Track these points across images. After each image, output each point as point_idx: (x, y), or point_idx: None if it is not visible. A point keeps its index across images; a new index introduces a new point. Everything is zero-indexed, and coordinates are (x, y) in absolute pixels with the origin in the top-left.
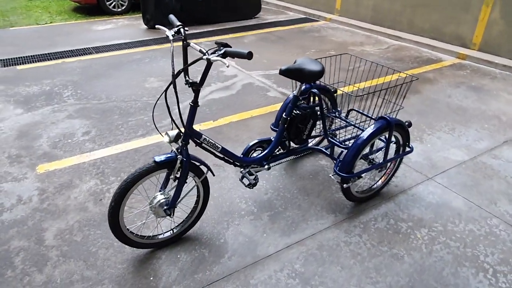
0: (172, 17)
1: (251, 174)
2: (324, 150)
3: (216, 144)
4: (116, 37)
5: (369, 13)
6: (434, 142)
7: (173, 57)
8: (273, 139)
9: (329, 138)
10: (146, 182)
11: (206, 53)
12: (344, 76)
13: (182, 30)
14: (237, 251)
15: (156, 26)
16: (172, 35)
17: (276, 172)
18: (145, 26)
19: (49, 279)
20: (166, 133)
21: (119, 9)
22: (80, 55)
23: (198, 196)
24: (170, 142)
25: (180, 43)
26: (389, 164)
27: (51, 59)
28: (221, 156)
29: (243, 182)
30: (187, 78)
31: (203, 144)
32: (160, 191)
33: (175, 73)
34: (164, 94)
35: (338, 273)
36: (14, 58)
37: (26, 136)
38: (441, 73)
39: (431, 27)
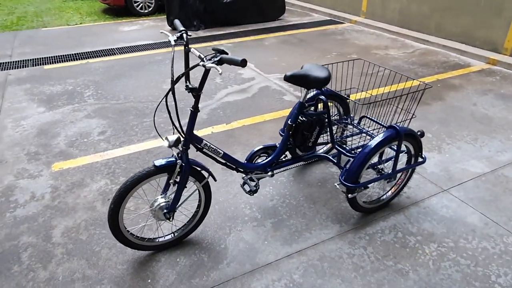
0: (176, 21)
1: (252, 181)
2: (331, 158)
3: (218, 150)
4: (140, 38)
5: (396, 16)
6: (453, 153)
7: (173, 62)
8: (278, 146)
9: (336, 146)
10: (149, 184)
11: (204, 59)
12: (359, 81)
13: (184, 35)
14: (237, 257)
15: (160, 31)
16: (174, 40)
17: (284, 179)
18: (169, 28)
19: (52, 276)
20: (166, 138)
21: (146, 11)
22: (104, 56)
23: (200, 201)
24: (170, 146)
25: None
26: (399, 174)
27: (76, 59)
28: (223, 162)
29: (244, 189)
30: (187, 84)
31: (204, 150)
32: (161, 194)
33: (174, 79)
34: (165, 99)
35: (338, 286)
36: (42, 58)
37: (45, 134)
38: (468, 79)
39: (461, 31)
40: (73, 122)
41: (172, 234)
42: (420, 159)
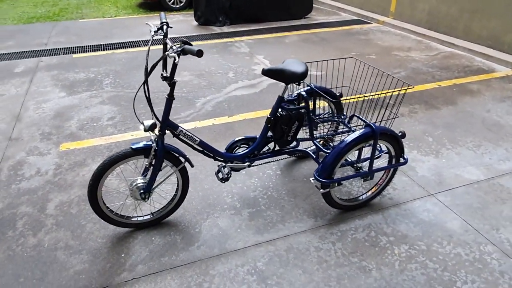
0: (161, 14)
1: (225, 168)
2: (311, 153)
3: (194, 137)
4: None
5: (424, 17)
6: (451, 158)
7: (148, 52)
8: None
9: (314, 142)
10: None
11: (170, 49)
12: (354, 81)
13: (164, 27)
14: (207, 242)
15: (146, 22)
16: (154, 31)
17: (271, 172)
18: (196, 23)
19: (39, 243)
20: (142, 122)
21: (178, 6)
22: (129, 47)
23: (178, 185)
24: (145, 130)
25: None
26: (379, 174)
27: (103, 50)
28: (200, 149)
29: (217, 176)
30: (162, 73)
31: (180, 136)
32: (140, 176)
33: (148, 69)
34: (143, 86)
35: (297, 277)
36: (73, 47)
37: (61, 116)
38: (488, 85)
39: (489, 34)
40: (88, 107)
41: (151, 215)
42: (401, 160)
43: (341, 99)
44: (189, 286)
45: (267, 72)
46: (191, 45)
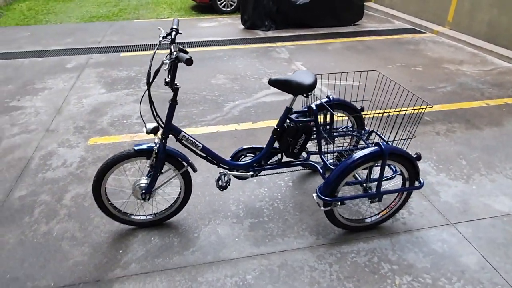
0: (174, 20)
1: (225, 176)
2: (318, 167)
3: (197, 143)
4: (212, 35)
5: (483, 28)
6: (483, 185)
7: (153, 56)
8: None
9: (321, 156)
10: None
11: (168, 56)
12: (375, 95)
13: (173, 33)
14: (203, 248)
15: (159, 27)
16: (163, 36)
17: (282, 183)
18: (243, 26)
19: (49, 231)
20: (145, 125)
21: (228, 9)
22: None
23: (180, 188)
24: (148, 133)
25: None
26: (391, 197)
27: (148, 50)
28: (203, 155)
29: (217, 183)
30: (165, 78)
31: (183, 141)
32: (145, 176)
33: (151, 74)
34: (147, 92)
35: None
36: (122, 46)
37: (96, 112)
38: None
39: None
40: (122, 105)
41: (154, 215)
42: (416, 184)
43: (361, 113)
44: None
45: (273, 83)
46: (187, 52)
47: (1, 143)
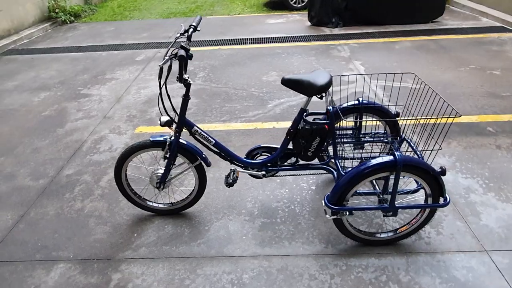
0: (196, 17)
1: (234, 173)
2: (334, 172)
3: (209, 138)
4: (277, 31)
5: None
6: None
7: (167, 53)
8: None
9: (336, 161)
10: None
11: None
12: (410, 100)
13: (190, 30)
14: (210, 241)
15: (181, 24)
16: (180, 33)
17: (305, 185)
18: (309, 23)
19: (82, 208)
20: (160, 118)
21: (299, 5)
22: (235, 44)
23: (195, 181)
24: (161, 125)
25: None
26: (415, 213)
27: (212, 45)
28: (217, 151)
29: (226, 179)
30: (177, 75)
31: (196, 135)
32: (162, 167)
33: (163, 70)
34: (163, 86)
35: None
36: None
37: (149, 103)
38: None
39: None
40: (173, 97)
41: (171, 204)
42: (441, 201)
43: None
44: (172, 279)
45: (286, 82)
46: (188, 50)
47: (65, 126)
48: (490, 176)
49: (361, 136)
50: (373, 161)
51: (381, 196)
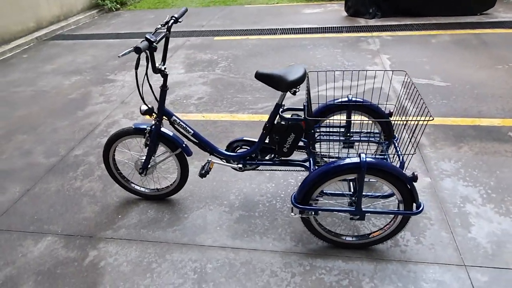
0: (182, 8)
1: (208, 164)
2: (310, 170)
3: (188, 128)
4: (309, 22)
5: None
6: None
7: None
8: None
9: (310, 158)
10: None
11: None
12: (399, 100)
13: (171, 21)
14: (185, 229)
15: (168, 15)
16: (161, 24)
17: (294, 182)
18: (345, 14)
19: (79, 187)
20: (140, 107)
21: None
22: (264, 34)
23: (177, 170)
24: (142, 114)
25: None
26: (390, 219)
27: (241, 35)
28: (195, 141)
29: (201, 169)
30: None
31: (175, 125)
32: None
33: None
34: (145, 77)
35: None
36: (219, 30)
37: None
38: None
39: None
40: (191, 85)
41: (156, 190)
42: (414, 209)
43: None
44: (141, 261)
45: (259, 76)
46: (151, 41)
47: (85, 109)
48: (495, 186)
49: (349, 135)
50: (337, 162)
51: (351, 198)
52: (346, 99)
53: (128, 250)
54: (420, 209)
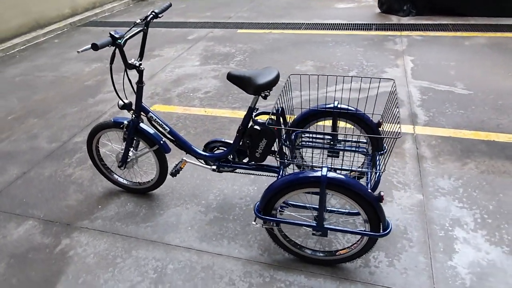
0: (165, 3)
1: (179, 163)
2: (279, 175)
3: (164, 125)
4: (339, 17)
5: None
6: None
7: (128, 38)
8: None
9: (280, 166)
10: None
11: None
12: (389, 108)
13: (150, 16)
14: (157, 226)
15: (152, 11)
16: (140, 19)
17: None
18: (378, 10)
19: (70, 174)
20: (118, 102)
21: None
22: (288, 29)
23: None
24: (120, 108)
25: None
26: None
27: (264, 29)
28: (172, 138)
29: (175, 166)
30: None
31: (152, 121)
32: (131, 148)
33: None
34: (124, 75)
35: None
36: (244, 23)
37: (177, 82)
38: None
39: None
40: (201, 79)
41: (138, 184)
42: (381, 231)
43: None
44: (108, 254)
45: (230, 78)
46: (115, 38)
47: (96, 97)
48: (494, 210)
49: (332, 143)
50: (299, 174)
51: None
52: (332, 105)
53: (98, 242)
54: (387, 231)
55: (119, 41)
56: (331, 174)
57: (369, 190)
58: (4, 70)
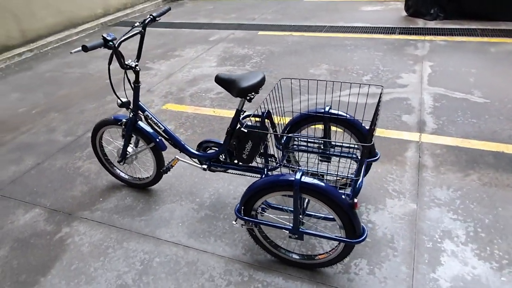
0: (165, 7)
1: (171, 161)
2: (262, 175)
3: (159, 124)
4: (363, 20)
5: None
6: None
7: (124, 39)
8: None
9: (265, 168)
10: None
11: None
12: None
13: (148, 19)
14: (151, 220)
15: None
16: (140, 22)
17: None
18: (405, 13)
19: (79, 167)
20: (117, 101)
21: None
22: (309, 31)
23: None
24: (119, 106)
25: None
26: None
27: (286, 31)
28: (166, 137)
29: (167, 163)
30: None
31: (148, 120)
32: (131, 145)
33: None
34: (124, 76)
35: None
36: (267, 25)
37: (192, 82)
38: None
39: None
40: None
41: (138, 179)
42: (355, 238)
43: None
44: (101, 244)
45: (218, 80)
46: (107, 40)
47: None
48: (489, 225)
49: (323, 148)
50: (274, 176)
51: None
52: (322, 110)
53: (95, 232)
54: (361, 238)
55: (110, 43)
56: (305, 179)
57: (344, 197)
58: (36, 66)
